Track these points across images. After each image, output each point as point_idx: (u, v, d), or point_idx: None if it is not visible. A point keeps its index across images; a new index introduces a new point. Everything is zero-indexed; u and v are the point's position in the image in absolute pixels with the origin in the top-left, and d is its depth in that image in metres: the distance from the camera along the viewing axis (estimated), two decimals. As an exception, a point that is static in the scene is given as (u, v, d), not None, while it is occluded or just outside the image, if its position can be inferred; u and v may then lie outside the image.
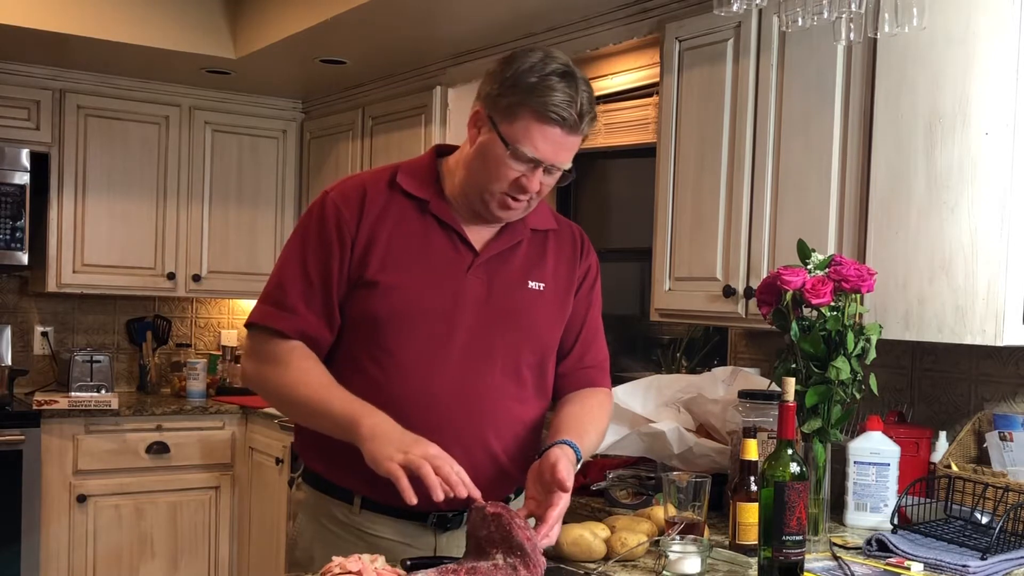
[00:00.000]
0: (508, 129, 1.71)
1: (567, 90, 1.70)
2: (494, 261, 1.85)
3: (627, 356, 3.82)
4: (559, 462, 1.67)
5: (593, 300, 1.99)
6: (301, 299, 1.79)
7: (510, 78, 1.71)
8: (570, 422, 1.84)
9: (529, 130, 1.70)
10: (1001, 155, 2.07)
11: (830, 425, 2.07)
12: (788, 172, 2.51)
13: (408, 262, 1.80)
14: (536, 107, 1.69)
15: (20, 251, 4.23)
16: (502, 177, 1.74)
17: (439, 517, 1.83)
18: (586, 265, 1.97)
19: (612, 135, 3.53)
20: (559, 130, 1.71)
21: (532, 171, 1.73)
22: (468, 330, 1.80)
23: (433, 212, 1.82)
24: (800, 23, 2.05)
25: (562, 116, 1.69)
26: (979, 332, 2.09)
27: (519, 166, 1.72)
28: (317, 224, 1.82)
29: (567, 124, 1.70)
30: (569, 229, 1.98)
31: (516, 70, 1.71)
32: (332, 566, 1.52)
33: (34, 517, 3.99)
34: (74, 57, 4.17)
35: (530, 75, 1.70)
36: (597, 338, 2.00)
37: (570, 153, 1.75)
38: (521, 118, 1.70)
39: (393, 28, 3.53)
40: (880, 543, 1.99)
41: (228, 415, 4.48)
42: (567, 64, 1.73)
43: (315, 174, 4.78)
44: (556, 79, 1.70)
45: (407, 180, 1.84)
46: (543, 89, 1.69)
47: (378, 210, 1.81)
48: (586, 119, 1.73)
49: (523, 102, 1.69)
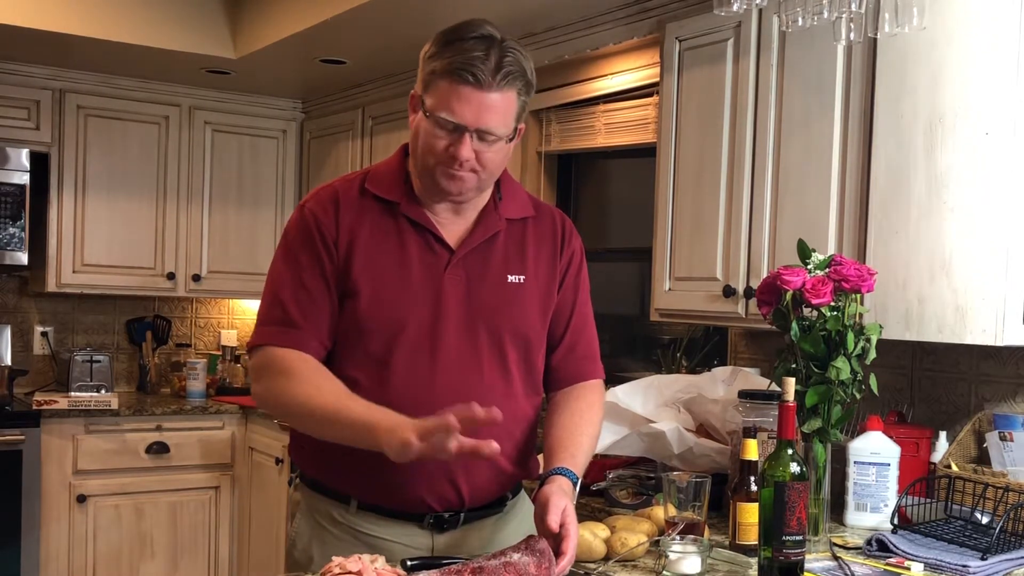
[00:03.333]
0: (429, 99, 1.71)
1: (479, 48, 1.67)
2: (471, 257, 1.82)
3: (627, 356, 3.82)
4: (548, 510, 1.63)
5: (580, 287, 1.94)
6: (301, 313, 1.78)
7: (431, 51, 1.72)
8: (563, 437, 1.82)
9: (446, 95, 1.68)
10: (1001, 155, 2.07)
11: (830, 425, 2.07)
12: (788, 172, 2.51)
13: (386, 268, 1.79)
14: (447, 70, 1.67)
15: (20, 251, 4.24)
16: (433, 149, 1.72)
17: (436, 518, 1.83)
18: (569, 252, 1.93)
19: (612, 135, 3.53)
20: (471, 88, 1.67)
21: (459, 138, 1.70)
22: (452, 331, 1.79)
23: (404, 214, 1.81)
24: (800, 23, 2.05)
25: (472, 74, 1.66)
26: (979, 332, 2.09)
27: (443, 134, 1.71)
28: (302, 235, 1.81)
29: (479, 83, 1.67)
30: (550, 215, 1.94)
31: (440, 44, 1.71)
32: (332, 566, 1.52)
33: (34, 517, 3.99)
34: (74, 57, 4.17)
35: (447, 45, 1.70)
36: (587, 326, 1.96)
37: (498, 116, 1.70)
38: (438, 86, 1.69)
39: (393, 28, 3.53)
40: (880, 543, 1.99)
41: (228, 415, 4.48)
42: (490, 30, 1.71)
43: (315, 174, 4.78)
44: (472, 42, 1.68)
45: (376, 185, 1.83)
46: (454, 52, 1.68)
47: (352, 217, 1.80)
48: (505, 77, 1.68)
49: (438, 69, 1.69)
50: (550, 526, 1.61)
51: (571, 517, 1.64)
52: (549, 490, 1.67)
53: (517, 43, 1.74)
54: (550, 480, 1.71)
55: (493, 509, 1.89)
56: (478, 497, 1.84)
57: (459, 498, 1.82)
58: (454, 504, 1.82)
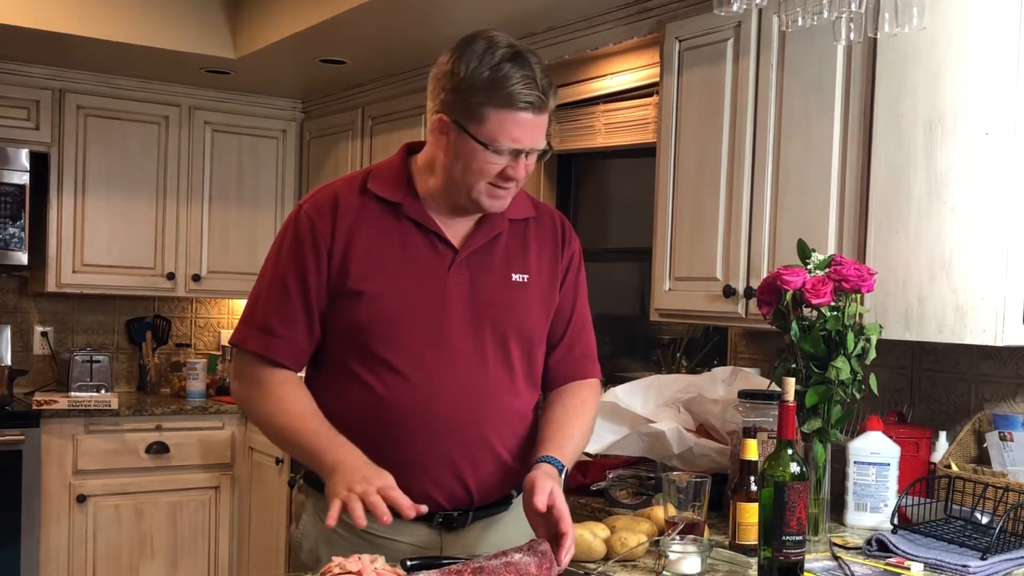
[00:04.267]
0: (480, 129, 1.71)
1: (524, 72, 1.69)
2: (475, 256, 1.84)
3: (627, 356, 3.82)
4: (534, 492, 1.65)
5: (579, 287, 1.97)
6: (279, 319, 1.80)
7: (464, 80, 1.70)
8: (552, 430, 1.84)
9: (503, 124, 1.70)
10: (1001, 155, 2.07)
11: (830, 425, 2.07)
12: (788, 172, 2.51)
13: (390, 268, 1.79)
14: (502, 101, 1.69)
15: (20, 251, 4.23)
16: (487, 173, 1.74)
17: (445, 517, 1.83)
18: (569, 252, 1.95)
19: (612, 135, 3.53)
20: (530, 115, 1.71)
21: (515, 160, 1.74)
22: (457, 330, 1.80)
23: (407, 214, 1.82)
24: (800, 23, 2.05)
25: (529, 101, 1.70)
26: (979, 332, 2.09)
27: (501, 160, 1.73)
28: (292, 238, 1.82)
29: (536, 107, 1.71)
30: (549, 215, 1.96)
31: (467, 70, 1.70)
32: (332, 566, 1.52)
33: (34, 517, 3.99)
34: (74, 57, 4.17)
35: (482, 70, 1.69)
36: (586, 326, 1.99)
37: (543, 131, 1.76)
38: (490, 116, 1.70)
39: (393, 28, 3.53)
40: (880, 543, 1.99)
41: (228, 415, 4.48)
42: (511, 45, 1.72)
43: (315, 174, 4.78)
44: (508, 66, 1.69)
45: (378, 185, 1.83)
46: (501, 81, 1.68)
47: (352, 217, 1.80)
48: (550, 94, 1.73)
49: (487, 101, 1.69)
50: (536, 506, 1.63)
51: (559, 499, 1.65)
52: (534, 475, 1.69)
53: (531, 49, 1.76)
54: (535, 467, 1.73)
55: (500, 507, 1.90)
56: (485, 494, 1.85)
57: (468, 495, 1.83)
58: (463, 501, 1.83)
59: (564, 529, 1.63)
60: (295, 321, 1.80)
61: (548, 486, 1.65)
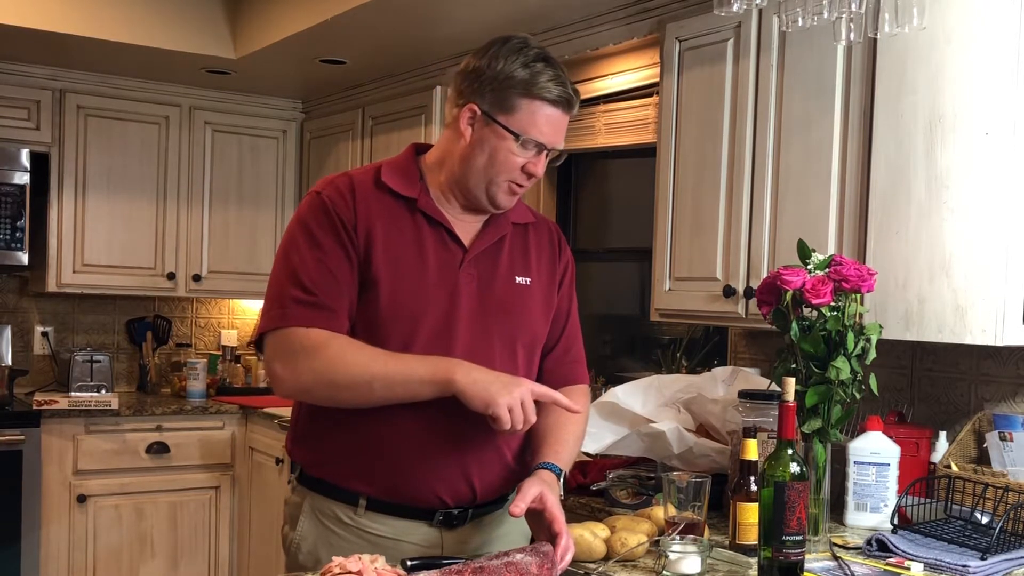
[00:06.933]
0: (510, 119, 1.76)
1: (555, 71, 1.78)
2: (483, 257, 1.86)
3: (627, 356, 3.82)
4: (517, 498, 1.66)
5: (573, 294, 2.04)
6: (328, 295, 1.75)
7: (501, 71, 1.76)
8: (547, 436, 1.85)
9: (534, 116, 1.76)
10: (1001, 155, 2.07)
11: (830, 425, 2.07)
12: (788, 172, 2.51)
13: (404, 261, 1.79)
14: (537, 94, 1.76)
15: (20, 251, 4.23)
16: (511, 166, 1.79)
17: (445, 515, 1.84)
18: (565, 260, 2.01)
19: (612, 135, 3.53)
20: (559, 111, 1.79)
21: (537, 156, 1.80)
22: (467, 327, 1.81)
23: (421, 209, 1.83)
24: (800, 23, 2.05)
25: (560, 97, 1.77)
26: (979, 332, 2.09)
27: (526, 153, 1.78)
28: (321, 219, 1.78)
29: (565, 103, 1.79)
30: (545, 224, 2.02)
31: (505, 64, 1.76)
32: (332, 566, 1.52)
33: (34, 517, 3.99)
34: (74, 57, 4.17)
35: (517, 66, 1.76)
36: (578, 332, 2.04)
37: (564, 133, 1.84)
38: (522, 107, 1.76)
39: (393, 28, 3.53)
40: (880, 543, 1.99)
41: (228, 415, 4.48)
42: (542, 48, 1.81)
43: (315, 174, 4.78)
44: (542, 65, 1.77)
45: (392, 179, 1.84)
46: (535, 76, 1.76)
47: (370, 207, 1.80)
48: (575, 97, 1.82)
49: (523, 94, 1.76)
50: (510, 511, 1.64)
51: (551, 502, 1.66)
52: (528, 481, 1.70)
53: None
54: (534, 473, 1.75)
55: (497, 505, 1.91)
56: (487, 493, 1.87)
57: (471, 493, 1.84)
58: (466, 500, 1.85)
59: (557, 530, 1.65)
60: (342, 295, 1.76)
61: (532, 492, 1.67)
